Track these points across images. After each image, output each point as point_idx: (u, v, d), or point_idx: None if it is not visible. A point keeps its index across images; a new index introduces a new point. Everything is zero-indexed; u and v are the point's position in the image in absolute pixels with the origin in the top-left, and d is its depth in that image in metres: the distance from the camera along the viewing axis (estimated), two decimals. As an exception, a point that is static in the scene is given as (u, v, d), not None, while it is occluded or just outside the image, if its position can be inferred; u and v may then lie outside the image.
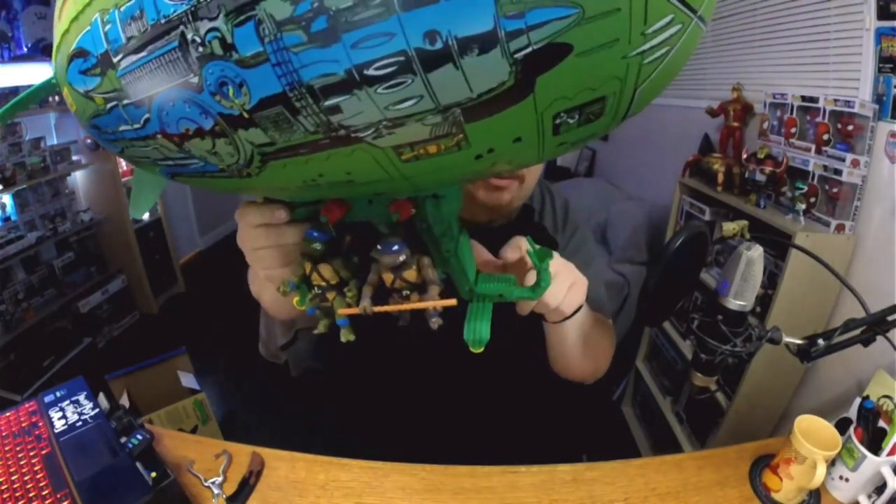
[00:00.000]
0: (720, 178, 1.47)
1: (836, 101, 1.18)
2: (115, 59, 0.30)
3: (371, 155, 0.28)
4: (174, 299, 3.16)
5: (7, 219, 2.32)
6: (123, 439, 0.70)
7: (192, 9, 0.25)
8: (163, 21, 0.26)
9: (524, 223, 0.75)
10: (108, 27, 0.29)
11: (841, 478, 0.72)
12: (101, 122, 0.35)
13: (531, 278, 0.50)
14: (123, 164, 2.81)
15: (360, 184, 0.32)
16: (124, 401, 1.60)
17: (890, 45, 1.09)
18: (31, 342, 2.28)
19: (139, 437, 0.70)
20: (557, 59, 0.23)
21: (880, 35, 1.11)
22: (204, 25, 0.25)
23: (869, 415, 0.73)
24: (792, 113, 1.32)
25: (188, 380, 1.77)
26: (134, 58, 0.29)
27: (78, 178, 2.67)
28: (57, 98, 2.42)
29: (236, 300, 0.60)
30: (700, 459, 0.79)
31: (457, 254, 0.43)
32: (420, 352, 0.73)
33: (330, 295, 0.43)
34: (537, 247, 0.49)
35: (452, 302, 0.41)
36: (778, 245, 1.18)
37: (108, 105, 0.33)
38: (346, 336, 0.45)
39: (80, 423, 0.73)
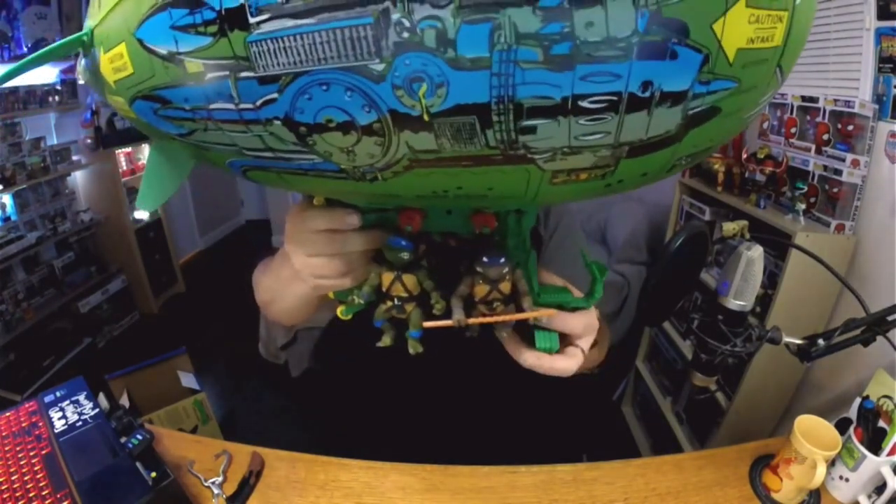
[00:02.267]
0: (720, 178, 1.46)
1: (836, 101, 1.18)
2: (252, 19, 0.23)
3: (529, 174, 0.28)
4: (174, 299, 3.16)
5: (7, 219, 2.32)
6: (123, 439, 0.70)
7: None
8: None
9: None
10: None
11: (841, 478, 0.72)
12: (176, 94, 0.28)
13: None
14: (123, 164, 2.81)
15: (492, 199, 0.32)
16: (124, 401, 1.59)
17: (890, 45, 1.09)
18: (31, 342, 2.28)
19: (139, 437, 0.70)
20: (710, 118, 0.27)
21: (880, 35, 1.11)
22: (423, 10, 0.22)
23: (869, 415, 0.73)
24: (792, 113, 1.32)
25: (188, 380, 1.76)
26: (290, 23, 0.23)
27: (78, 178, 2.67)
28: (57, 98, 2.42)
29: (236, 300, 0.59)
30: (700, 459, 0.79)
31: (527, 265, 0.43)
32: (420, 352, 0.73)
33: (409, 307, 0.42)
34: (591, 259, 0.49)
35: (551, 312, 0.42)
36: (778, 245, 1.18)
37: (211, 74, 0.26)
38: (414, 348, 0.44)
39: (80, 423, 0.73)
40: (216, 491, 0.69)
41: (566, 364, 0.49)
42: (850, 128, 1.15)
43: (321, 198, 0.41)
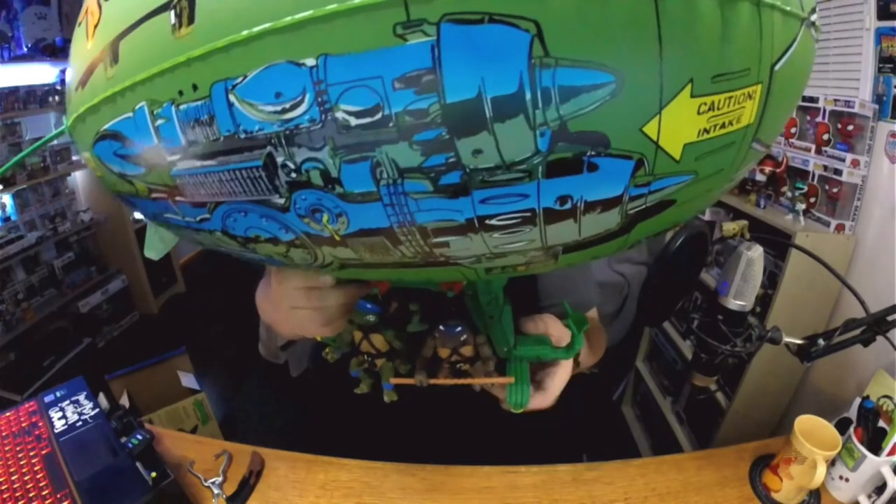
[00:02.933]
0: (720, 178, 1.46)
1: (836, 101, 1.18)
2: (168, 158, 0.25)
3: (461, 272, 0.29)
4: (174, 299, 3.16)
5: (7, 219, 2.32)
6: (123, 439, 0.70)
7: (287, 132, 0.22)
8: (242, 136, 0.23)
9: None
10: (160, 122, 0.24)
11: (841, 478, 0.72)
12: (138, 203, 0.31)
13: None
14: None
15: (436, 282, 0.33)
16: (124, 401, 1.59)
17: (890, 45, 1.09)
18: (31, 342, 2.28)
19: (139, 437, 0.70)
20: (662, 210, 0.25)
21: (880, 35, 1.11)
22: (301, 153, 0.22)
23: (869, 415, 0.73)
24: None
25: (188, 380, 1.76)
26: (196, 163, 0.25)
27: (78, 178, 2.67)
28: (57, 98, 2.42)
29: (236, 300, 0.59)
30: (700, 459, 0.79)
31: (500, 319, 0.44)
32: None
33: (378, 362, 0.46)
34: (573, 312, 0.51)
35: (510, 380, 0.44)
36: (778, 245, 1.18)
37: (153, 195, 0.29)
38: (389, 397, 0.48)
39: (80, 423, 0.73)
40: (216, 491, 0.69)
41: (537, 404, 0.51)
42: (850, 128, 1.15)
43: None
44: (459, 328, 0.42)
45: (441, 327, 0.42)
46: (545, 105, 0.20)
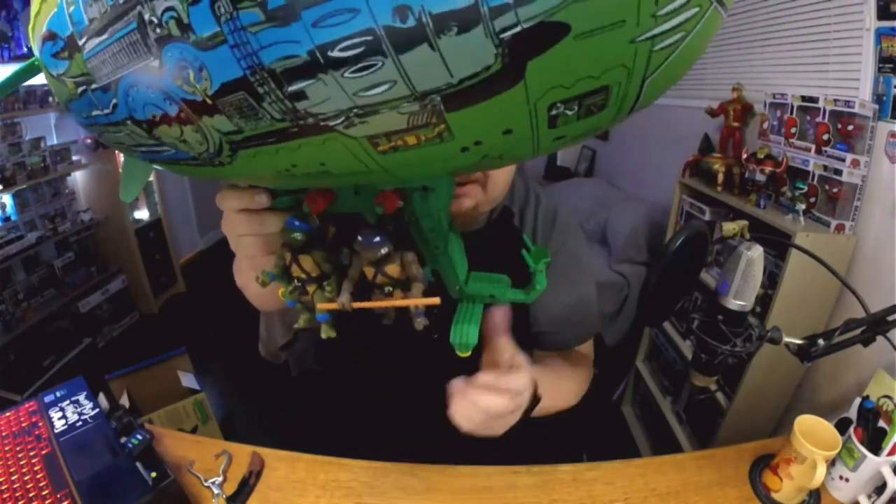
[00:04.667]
0: (720, 178, 1.47)
1: (836, 101, 1.18)
2: (80, 42, 0.29)
3: (344, 145, 0.26)
4: (174, 299, 3.16)
5: (7, 219, 2.32)
6: (123, 439, 0.70)
7: None
8: (121, 1, 0.25)
9: (501, 227, 0.74)
10: (72, 8, 0.28)
11: (841, 478, 0.72)
12: (75, 106, 0.34)
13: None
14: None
15: (337, 175, 0.30)
16: (124, 401, 1.60)
17: (890, 45, 1.09)
18: (31, 342, 2.28)
19: (139, 437, 0.70)
20: (552, 40, 0.20)
21: (880, 35, 1.11)
22: (160, 4, 0.24)
23: (869, 415, 0.73)
24: (792, 113, 1.32)
25: (188, 380, 1.77)
26: (97, 40, 0.28)
27: (78, 178, 2.67)
28: (57, 98, 2.42)
29: (236, 300, 0.59)
30: (700, 459, 0.79)
31: (447, 250, 0.41)
32: (419, 352, 0.73)
33: (310, 288, 0.42)
34: (533, 247, 0.46)
35: (435, 301, 0.39)
36: (778, 245, 1.18)
37: (79, 90, 0.32)
38: (326, 333, 0.43)
39: (80, 423, 0.73)
40: (216, 491, 0.69)
41: (491, 401, 0.52)
42: (850, 128, 1.15)
43: (244, 183, 0.42)
44: (378, 238, 0.38)
45: (359, 237, 0.39)
46: None
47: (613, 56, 0.22)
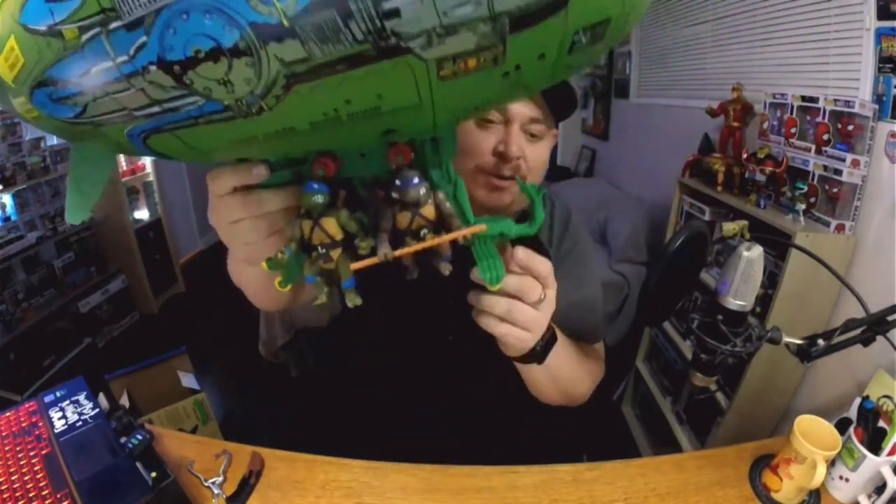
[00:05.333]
0: (720, 178, 1.46)
1: (836, 101, 1.18)
2: None
3: (412, 70, 0.27)
4: (174, 299, 3.16)
5: (7, 219, 2.32)
6: (123, 439, 0.70)
7: None
8: None
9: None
10: None
11: (841, 478, 0.72)
12: (62, 69, 0.29)
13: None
14: (123, 164, 2.81)
15: (385, 113, 0.30)
16: (124, 401, 1.59)
17: (890, 45, 1.09)
18: (31, 342, 2.28)
19: (139, 437, 0.70)
20: None
21: (880, 35, 1.11)
22: None
23: (869, 415, 0.73)
24: (792, 113, 1.32)
25: (188, 380, 1.76)
26: None
27: (78, 178, 2.67)
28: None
29: (236, 300, 0.59)
30: (700, 459, 0.79)
31: (455, 197, 0.42)
32: (420, 351, 0.73)
33: (335, 253, 0.39)
34: (523, 183, 0.50)
35: (481, 227, 0.40)
36: (778, 245, 1.18)
37: (86, 35, 0.27)
38: (352, 300, 0.41)
39: (80, 423, 0.73)
40: (216, 491, 0.69)
41: (519, 334, 0.48)
42: (850, 128, 1.15)
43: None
44: (416, 179, 0.38)
45: (398, 182, 0.38)
46: None
47: None
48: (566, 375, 0.67)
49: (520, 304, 0.48)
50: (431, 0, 0.24)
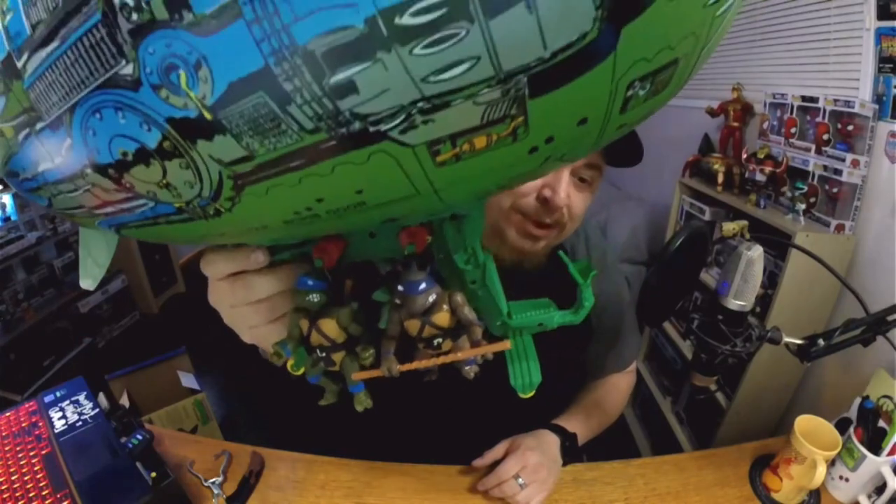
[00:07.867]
0: (720, 178, 1.47)
1: (836, 101, 1.18)
2: (19, 63, 0.21)
3: (395, 159, 0.20)
4: (174, 299, 3.16)
5: (7, 219, 2.32)
6: (123, 439, 0.70)
7: None
8: None
9: (554, 270, 0.69)
10: (8, 18, 0.21)
11: (841, 478, 0.72)
12: (17, 163, 0.27)
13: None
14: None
15: (374, 206, 0.23)
16: (124, 401, 1.59)
17: (890, 45, 1.09)
18: (31, 342, 2.28)
19: (139, 437, 0.70)
20: (647, 1, 0.18)
21: (880, 35, 1.11)
22: None
23: (869, 415, 0.73)
24: (792, 113, 1.32)
25: (188, 380, 1.77)
26: (43, 53, 0.20)
27: (78, 178, 2.67)
28: None
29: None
30: (700, 459, 0.80)
31: (485, 283, 0.35)
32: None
33: (336, 357, 0.34)
34: (574, 261, 0.40)
35: (506, 345, 0.33)
36: (778, 245, 1.18)
37: (20, 135, 0.24)
38: (361, 404, 0.37)
39: (80, 423, 0.73)
40: (216, 491, 0.69)
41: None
42: (850, 128, 1.15)
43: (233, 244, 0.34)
44: (424, 284, 0.31)
45: (399, 287, 0.31)
46: None
47: (690, 22, 0.20)
48: (597, 431, 0.76)
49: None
50: (400, 65, 0.17)
